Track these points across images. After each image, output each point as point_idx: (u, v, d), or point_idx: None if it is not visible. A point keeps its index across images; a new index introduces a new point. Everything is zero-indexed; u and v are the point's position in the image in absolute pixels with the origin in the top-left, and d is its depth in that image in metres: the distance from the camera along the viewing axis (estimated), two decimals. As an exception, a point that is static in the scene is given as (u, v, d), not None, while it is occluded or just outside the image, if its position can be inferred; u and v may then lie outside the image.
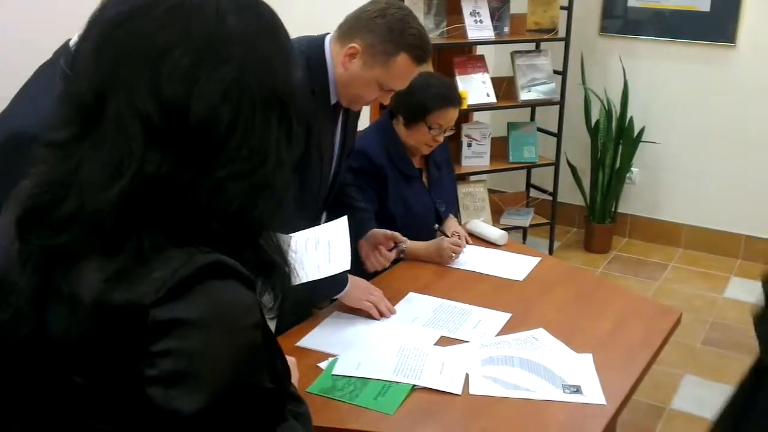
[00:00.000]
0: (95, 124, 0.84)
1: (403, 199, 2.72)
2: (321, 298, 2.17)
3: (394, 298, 2.31)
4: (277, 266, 0.92)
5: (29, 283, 0.85)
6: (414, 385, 1.86)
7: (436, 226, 2.80)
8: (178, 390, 0.80)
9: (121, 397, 0.84)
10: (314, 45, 2.14)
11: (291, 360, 1.04)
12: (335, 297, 2.22)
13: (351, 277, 2.20)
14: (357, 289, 2.21)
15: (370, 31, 2.05)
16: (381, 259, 2.47)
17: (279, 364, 0.93)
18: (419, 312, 2.27)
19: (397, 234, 2.52)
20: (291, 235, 2.01)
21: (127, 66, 0.84)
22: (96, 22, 0.88)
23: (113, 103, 0.83)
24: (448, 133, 2.74)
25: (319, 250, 2.09)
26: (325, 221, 2.35)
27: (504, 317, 2.24)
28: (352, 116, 2.38)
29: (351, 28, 2.09)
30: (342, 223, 2.18)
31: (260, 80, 0.87)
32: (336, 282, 2.15)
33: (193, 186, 0.83)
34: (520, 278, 2.53)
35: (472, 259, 2.67)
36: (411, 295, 2.38)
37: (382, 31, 2.05)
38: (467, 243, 2.74)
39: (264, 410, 0.87)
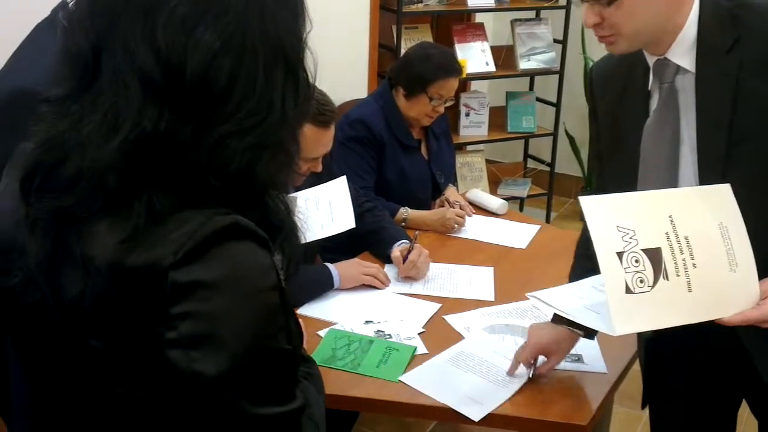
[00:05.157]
0: (93, 79, 0.81)
1: (399, 168, 2.71)
2: (311, 299, 2.13)
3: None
4: (284, 227, 0.90)
5: (41, 248, 0.82)
6: (415, 350, 1.87)
7: (443, 195, 2.78)
8: (199, 352, 0.79)
9: (139, 360, 0.82)
10: None
11: (299, 321, 1.04)
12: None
13: (336, 265, 2.19)
14: (349, 270, 2.19)
15: None
16: None
17: (293, 325, 0.92)
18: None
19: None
20: (292, 195, 2.01)
21: (122, 16, 0.80)
22: None
23: (109, 55, 0.80)
24: (448, 104, 2.72)
25: (320, 209, 2.08)
26: None
27: (489, 271, 2.32)
28: None
29: None
30: (341, 183, 2.17)
31: (263, 32, 0.83)
32: (322, 281, 2.14)
33: (194, 142, 0.80)
34: (523, 246, 2.54)
35: (473, 227, 2.66)
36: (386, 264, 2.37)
37: None
38: (470, 213, 2.73)
39: (283, 371, 0.86)
